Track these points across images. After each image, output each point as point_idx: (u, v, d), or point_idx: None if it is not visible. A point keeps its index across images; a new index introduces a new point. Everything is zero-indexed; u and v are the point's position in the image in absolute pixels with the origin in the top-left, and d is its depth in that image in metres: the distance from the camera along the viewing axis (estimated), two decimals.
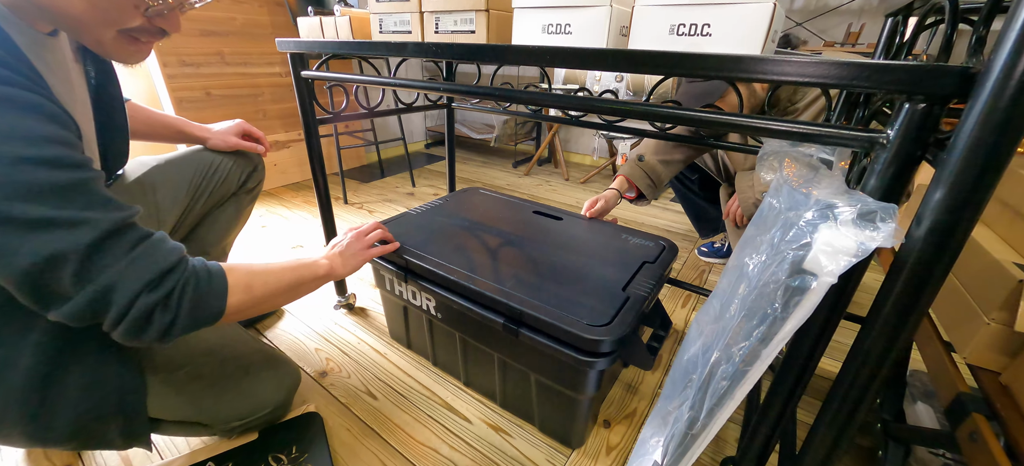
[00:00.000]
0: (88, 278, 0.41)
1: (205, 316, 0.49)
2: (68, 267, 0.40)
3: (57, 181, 0.38)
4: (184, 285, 0.47)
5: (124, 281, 0.42)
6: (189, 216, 0.84)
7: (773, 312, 0.37)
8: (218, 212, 0.89)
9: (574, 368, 0.65)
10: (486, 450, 0.77)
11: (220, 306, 0.50)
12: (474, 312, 0.72)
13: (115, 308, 0.42)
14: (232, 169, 0.87)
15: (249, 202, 0.94)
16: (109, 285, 0.42)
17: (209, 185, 0.85)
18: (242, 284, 0.53)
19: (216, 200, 0.87)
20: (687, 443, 0.44)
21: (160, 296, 0.45)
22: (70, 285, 0.40)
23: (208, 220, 0.88)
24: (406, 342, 1.00)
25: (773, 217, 0.43)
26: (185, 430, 0.69)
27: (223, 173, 0.86)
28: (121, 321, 0.43)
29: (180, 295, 0.47)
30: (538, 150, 2.60)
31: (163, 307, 0.45)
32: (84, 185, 0.41)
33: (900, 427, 0.54)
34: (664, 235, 0.94)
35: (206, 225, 0.88)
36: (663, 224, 1.81)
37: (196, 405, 0.65)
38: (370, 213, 1.82)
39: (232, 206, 0.90)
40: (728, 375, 0.40)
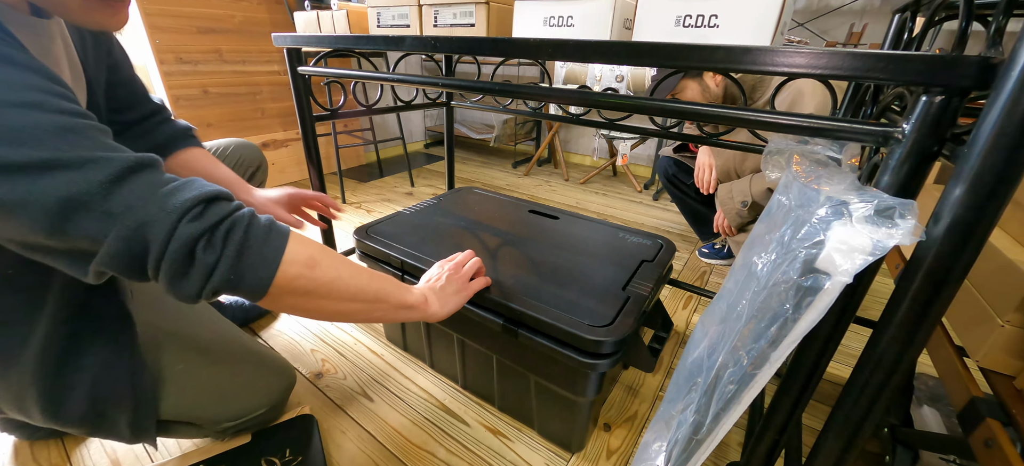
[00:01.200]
0: (114, 219, 0.35)
1: (252, 273, 0.40)
2: (89, 212, 0.34)
3: (53, 123, 0.34)
4: (233, 222, 0.39)
5: (159, 213, 0.36)
6: None
7: (784, 313, 0.35)
8: None
9: (574, 370, 0.64)
10: (484, 454, 0.75)
11: (270, 269, 0.41)
12: (472, 312, 0.71)
13: (154, 245, 0.36)
14: (241, 161, 0.87)
15: None
16: (142, 220, 0.36)
17: None
18: (304, 256, 0.43)
19: None
20: (692, 448, 0.43)
21: (204, 226, 0.38)
22: (98, 232, 0.35)
23: None
24: (403, 344, 0.99)
25: (783, 215, 0.41)
26: (177, 431, 0.68)
27: (232, 162, 0.85)
28: (162, 259, 0.37)
29: (228, 230, 0.39)
30: (538, 150, 2.59)
31: (207, 242, 0.38)
32: (87, 129, 0.36)
33: (909, 432, 0.52)
34: (663, 235, 0.93)
35: None
36: (662, 224, 1.80)
37: (188, 405, 0.63)
38: (368, 212, 1.80)
39: None
40: (735, 378, 0.38)
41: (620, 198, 2.12)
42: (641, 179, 2.39)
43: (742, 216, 1.03)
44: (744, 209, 1.01)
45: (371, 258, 0.86)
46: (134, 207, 0.36)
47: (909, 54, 0.32)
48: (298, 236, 0.45)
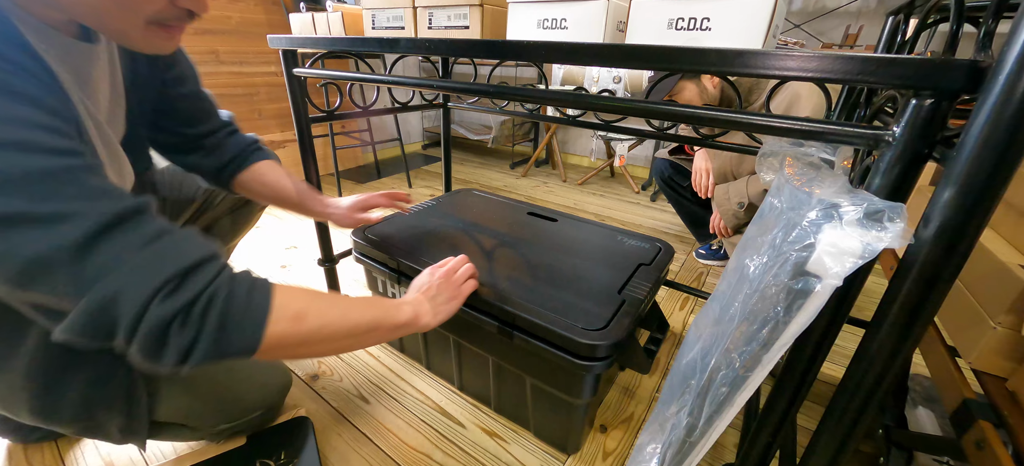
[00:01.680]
0: (83, 285, 0.32)
1: (236, 345, 0.38)
2: (58, 273, 0.32)
3: (34, 166, 0.31)
4: (212, 294, 0.37)
5: (130, 286, 0.33)
6: (208, 211, 0.83)
7: (775, 315, 0.35)
8: (244, 208, 0.89)
9: (570, 372, 0.64)
10: (480, 456, 0.75)
11: (256, 337, 0.39)
12: (468, 314, 0.71)
13: (123, 322, 0.33)
14: None
15: (262, 206, 0.93)
16: (111, 294, 0.33)
17: None
18: (291, 313, 0.41)
19: (237, 200, 0.86)
20: (685, 451, 0.43)
21: (179, 305, 0.35)
22: (66, 296, 0.32)
23: (227, 219, 0.88)
24: (399, 345, 0.98)
25: (774, 217, 0.41)
26: (170, 433, 0.68)
27: None
28: (133, 339, 0.34)
29: (205, 306, 0.36)
30: (536, 151, 2.59)
31: (182, 322, 0.35)
32: (72, 172, 0.33)
33: (903, 433, 0.52)
34: (661, 237, 0.93)
35: (221, 224, 0.88)
36: (660, 226, 1.80)
37: (182, 408, 0.63)
38: None
39: (247, 208, 0.90)
40: (728, 381, 0.38)
41: (618, 199, 2.13)
42: (638, 180, 2.40)
43: (738, 217, 1.03)
44: (741, 210, 1.01)
45: (368, 259, 0.86)
46: (107, 273, 0.33)
47: (898, 58, 0.32)
48: (283, 291, 0.42)
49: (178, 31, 0.41)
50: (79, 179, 0.34)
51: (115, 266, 0.33)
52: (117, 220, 0.34)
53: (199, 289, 0.36)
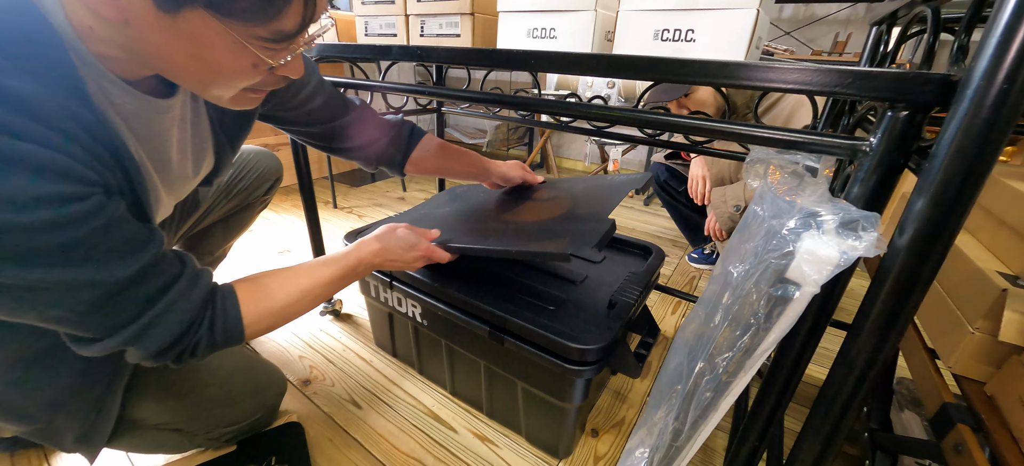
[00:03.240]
0: (102, 333, 0.40)
1: (226, 346, 0.48)
2: (79, 326, 0.39)
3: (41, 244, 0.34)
4: (207, 332, 0.46)
5: (144, 339, 0.41)
6: (215, 211, 0.83)
7: (756, 322, 0.36)
8: (239, 214, 0.89)
9: (560, 377, 0.64)
10: (472, 461, 0.76)
11: (239, 338, 0.48)
12: (459, 319, 0.71)
13: (138, 354, 0.43)
14: (265, 173, 0.88)
15: (261, 208, 0.94)
16: (127, 339, 0.41)
17: (241, 183, 0.85)
18: (257, 313, 0.50)
19: (242, 202, 0.87)
20: (672, 455, 0.43)
21: (183, 347, 0.44)
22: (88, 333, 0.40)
23: (231, 221, 0.88)
24: (392, 350, 0.98)
25: (757, 225, 0.42)
26: (164, 436, 0.67)
27: (258, 173, 0.87)
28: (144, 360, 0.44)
29: (203, 340, 0.46)
30: (530, 155, 2.60)
31: (184, 351, 0.45)
32: (79, 244, 0.36)
33: (887, 437, 0.53)
34: (654, 241, 0.94)
35: (223, 225, 0.88)
36: (653, 230, 1.81)
37: (178, 412, 0.63)
38: (359, 218, 1.80)
39: (248, 212, 0.91)
40: (712, 386, 0.39)
41: None
42: None
43: (734, 220, 1.04)
44: (737, 213, 1.02)
45: None
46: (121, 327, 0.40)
47: (874, 71, 0.33)
48: (247, 295, 0.49)
49: (263, 96, 0.45)
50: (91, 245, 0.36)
51: (127, 322, 0.40)
52: (127, 284, 0.39)
53: (197, 335, 0.45)
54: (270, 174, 0.91)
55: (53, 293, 0.36)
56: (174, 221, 0.76)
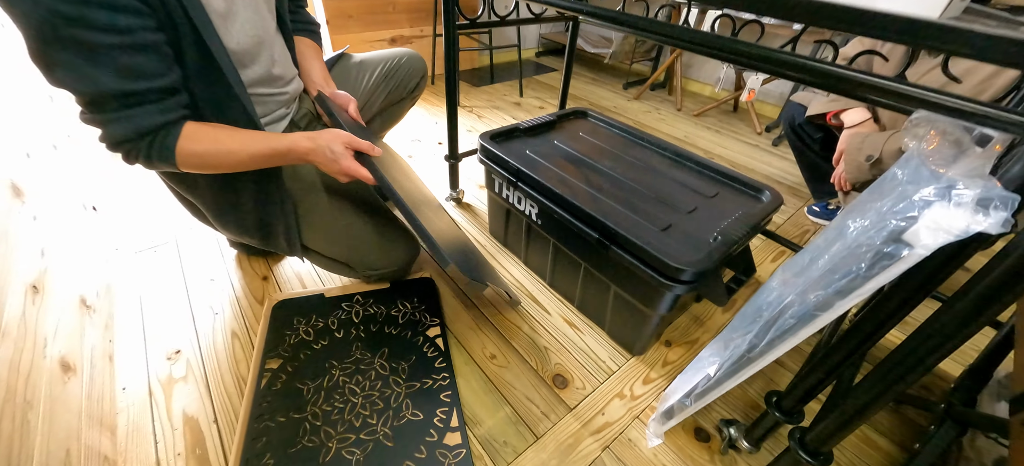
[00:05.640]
0: (95, 116, 0.56)
1: (160, 162, 0.62)
2: (79, 100, 0.55)
3: (82, 39, 0.49)
4: (146, 147, 0.59)
5: (111, 130, 0.57)
6: (375, 103, 1.02)
7: (857, 270, 0.40)
8: (393, 107, 1.08)
9: (653, 287, 0.74)
10: (559, 337, 0.92)
11: (168, 156, 0.61)
12: (572, 224, 0.82)
13: (105, 142, 0.58)
14: (411, 71, 1.04)
15: (411, 103, 1.11)
16: (99, 121, 0.56)
17: (393, 80, 1.02)
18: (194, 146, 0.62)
19: (394, 99, 1.05)
20: (741, 364, 0.52)
21: (129, 148, 0.59)
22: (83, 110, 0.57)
23: (386, 113, 1.07)
24: (503, 240, 1.15)
25: (891, 187, 0.44)
26: (335, 266, 0.93)
27: (404, 73, 1.03)
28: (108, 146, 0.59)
29: (143, 152, 0.60)
30: (654, 73, 2.44)
31: (130, 152, 0.60)
32: (109, 49, 0.51)
33: (962, 410, 0.55)
34: (774, 184, 0.92)
35: (380, 117, 1.08)
36: (775, 174, 1.68)
37: (341, 250, 0.86)
38: (479, 117, 1.94)
39: (399, 106, 1.09)
40: (798, 315, 0.45)
41: (734, 138, 1.98)
42: (764, 119, 2.18)
43: (862, 172, 0.95)
44: (866, 165, 0.93)
45: (490, 161, 0.99)
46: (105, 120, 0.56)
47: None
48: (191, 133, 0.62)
49: None
50: (111, 56, 0.52)
51: (107, 117, 0.56)
52: (111, 94, 0.54)
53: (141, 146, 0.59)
54: (416, 72, 1.06)
55: (72, 73, 0.51)
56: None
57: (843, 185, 1.02)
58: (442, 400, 0.75)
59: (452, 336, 0.90)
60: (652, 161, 1.01)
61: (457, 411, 0.74)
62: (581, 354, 0.88)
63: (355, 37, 2.10)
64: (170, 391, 0.77)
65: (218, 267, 1.03)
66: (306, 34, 0.91)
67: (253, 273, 1.02)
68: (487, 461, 0.70)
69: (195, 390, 0.78)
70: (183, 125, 0.62)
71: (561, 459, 0.71)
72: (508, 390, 0.80)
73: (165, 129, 0.60)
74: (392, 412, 0.73)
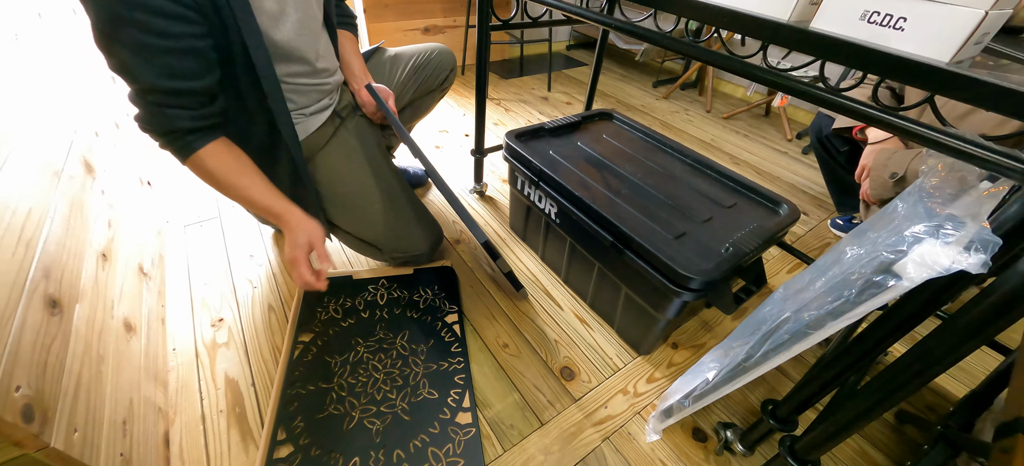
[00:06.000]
0: (138, 102, 0.62)
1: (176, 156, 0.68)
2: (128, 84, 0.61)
3: (137, 40, 0.56)
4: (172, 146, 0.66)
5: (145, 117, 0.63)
6: (406, 95, 1.08)
7: (848, 295, 0.43)
8: (423, 99, 1.13)
9: (662, 292, 0.77)
10: (569, 331, 0.96)
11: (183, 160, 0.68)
12: (589, 226, 0.86)
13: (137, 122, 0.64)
14: (441, 65, 1.09)
15: (441, 95, 1.16)
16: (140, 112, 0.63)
17: (424, 73, 1.08)
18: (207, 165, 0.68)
19: (424, 91, 1.11)
20: (737, 372, 0.55)
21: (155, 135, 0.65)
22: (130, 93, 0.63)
23: (417, 104, 1.13)
24: (522, 235, 1.20)
25: (889, 219, 0.46)
26: (364, 247, 0.99)
27: (434, 66, 1.09)
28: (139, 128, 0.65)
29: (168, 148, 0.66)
30: (685, 73, 2.41)
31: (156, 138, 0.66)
32: (158, 52, 0.58)
33: (954, 431, 0.56)
34: (798, 194, 0.93)
35: (411, 107, 1.13)
36: (801, 183, 1.65)
37: (371, 231, 0.92)
38: (506, 111, 1.97)
39: (430, 97, 1.14)
40: (792, 331, 0.48)
41: (762, 143, 1.95)
42: (796, 126, 2.13)
43: (886, 189, 0.94)
44: (891, 182, 0.92)
45: (514, 159, 1.03)
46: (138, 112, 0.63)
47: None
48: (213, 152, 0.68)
49: None
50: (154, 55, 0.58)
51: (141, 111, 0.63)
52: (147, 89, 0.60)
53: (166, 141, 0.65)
54: (446, 66, 1.11)
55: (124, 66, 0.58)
56: None
57: (869, 200, 1.01)
58: (456, 382, 0.81)
59: (469, 324, 0.95)
60: (673, 167, 1.03)
61: (469, 393, 0.79)
62: (589, 349, 0.93)
63: (390, 26, 2.15)
64: (214, 355, 0.86)
65: (257, 244, 1.12)
66: (345, 27, 0.96)
67: None
68: (494, 441, 0.75)
69: (236, 355, 0.86)
70: (213, 139, 0.68)
71: (563, 445, 0.76)
72: (518, 378, 0.85)
73: (193, 134, 0.66)
74: (410, 389, 0.79)
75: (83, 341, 0.62)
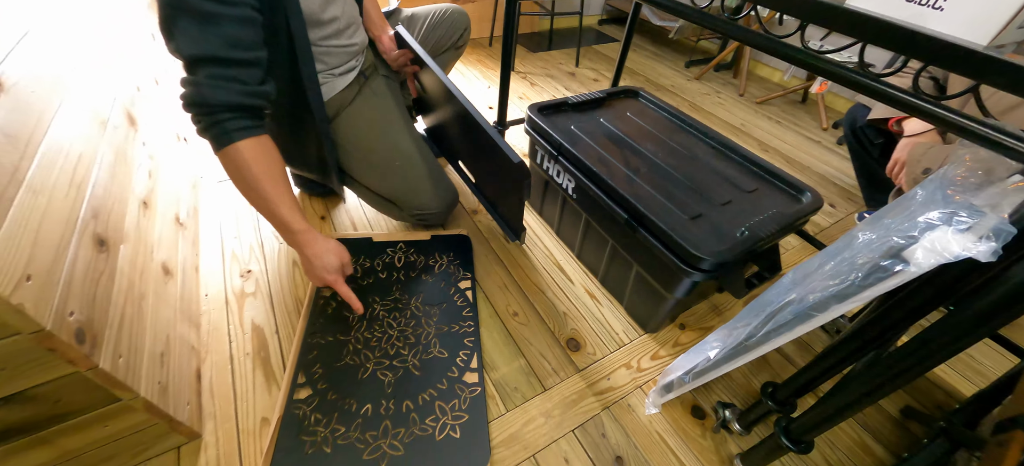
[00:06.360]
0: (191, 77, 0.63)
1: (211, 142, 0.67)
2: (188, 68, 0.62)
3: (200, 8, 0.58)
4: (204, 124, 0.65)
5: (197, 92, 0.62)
6: None
7: (854, 279, 0.43)
8: (438, 58, 1.15)
9: (673, 272, 0.77)
10: (579, 305, 0.98)
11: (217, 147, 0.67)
12: (604, 202, 0.86)
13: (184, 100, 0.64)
14: (455, 23, 1.11)
15: (456, 54, 1.17)
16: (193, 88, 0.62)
17: (438, 32, 1.10)
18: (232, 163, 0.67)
19: (439, 50, 1.13)
20: (738, 350, 0.55)
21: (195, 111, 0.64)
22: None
23: None
24: (539, 209, 1.21)
25: (906, 205, 0.45)
26: (382, 204, 1.01)
27: (447, 26, 1.10)
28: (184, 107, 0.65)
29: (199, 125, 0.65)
30: (721, 53, 2.32)
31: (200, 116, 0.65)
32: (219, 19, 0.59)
33: (955, 426, 0.56)
34: (826, 185, 0.91)
35: None
36: (830, 173, 1.59)
37: (390, 187, 0.95)
38: (531, 85, 1.95)
39: (444, 56, 1.16)
40: (795, 312, 0.48)
41: (794, 131, 1.88)
42: (833, 115, 2.03)
43: (917, 183, 0.91)
44: (924, 178, 0.89)
45: (535, 133, 1.03)
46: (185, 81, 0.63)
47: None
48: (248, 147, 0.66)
49: None
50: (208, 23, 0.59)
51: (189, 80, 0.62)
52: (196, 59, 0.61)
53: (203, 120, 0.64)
54: (461, 23, 1.13)
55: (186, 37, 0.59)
56: None
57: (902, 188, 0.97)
58: (465, 344, 0.85)
59: (481, 291, 0.98)
60: (696, 149, 1.01)
61: (477, 355, 0.83)
62: (597, 323, 0.94)
63: None
64: (242, 303, 0.92)
65: None
66: None
67: (312, 212, 1.15)
68: (498, 401, 0.79)
69: (262, 305, 0.92)
70: (257, 134, 0.68)
71: (564, 410, 0.78)
72: (525, 345, 0.88)
73: (239, 118, 0.66)
74: (421, 347, 0.83)
75: (127, 279, 0.67)
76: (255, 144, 0.68)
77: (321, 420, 0.72)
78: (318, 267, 0.77)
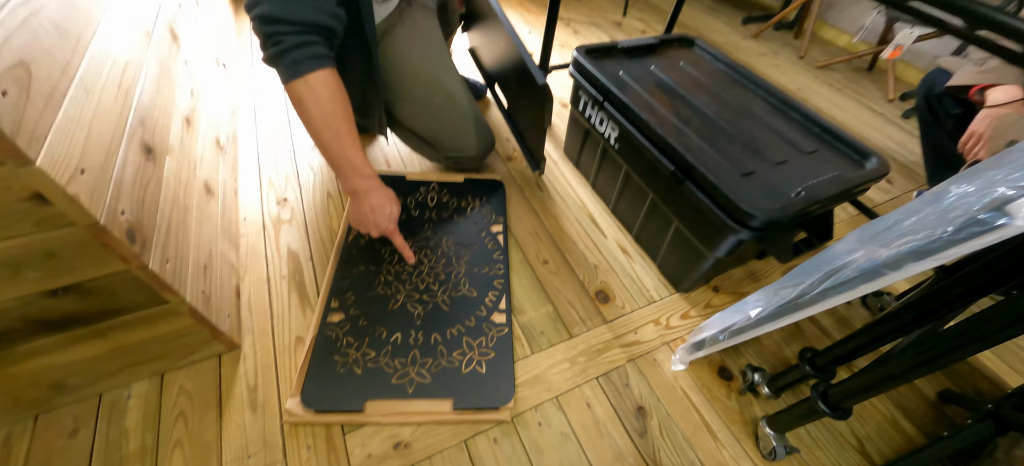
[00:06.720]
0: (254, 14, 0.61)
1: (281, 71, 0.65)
2: None
3: None
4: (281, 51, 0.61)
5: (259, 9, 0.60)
6: None
7: (942, 233, 0.38)
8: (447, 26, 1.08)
9: (718, 228, 0.73)
10: (610, 259, 0.95)
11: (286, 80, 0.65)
12: (650, 152, 0.82)
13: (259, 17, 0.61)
14: None
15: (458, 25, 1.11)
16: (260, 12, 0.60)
17: None
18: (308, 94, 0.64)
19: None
20: (787, 308, 0.52)
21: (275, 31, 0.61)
22: None
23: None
24: (576, 160, 1.16)
25: (1016, 156, 0.39)
26: (419, 144, 1.00)
27: None
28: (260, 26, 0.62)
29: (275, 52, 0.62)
30: (783, 10, 2.12)
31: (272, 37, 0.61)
32: None
33: (1007, 409, 0.52)
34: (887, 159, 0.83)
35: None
36: (892, 148, 1.47)
37: (429, 127, 0.94)
38: (574, 33, 1.85)
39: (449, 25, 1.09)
40: (861, 269, 0.44)
41: (857, 100, 1.73)
42: (902, 86, 1.85)
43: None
44: None
45: (581, 76, 0.98)
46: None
47: None
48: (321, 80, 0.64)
49: None
50: None
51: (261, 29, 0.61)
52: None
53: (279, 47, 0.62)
54: None
55: None
56: None
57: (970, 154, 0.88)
58: (495, 286, 0.84)
59: (512, 237, 0.97)
60: (753, 105, 0.94)
61: (506, 297, 0.82)
62: (627, 279, 0.92)
63: None
64: (279, 229, 0.94)
65: None
66: None
67: None
68: (524, 343, 0.79)
69: (297, 232, 0.93)
70: (328, 65, 0.66)
71: (589, 358, 0.78)
72: (553, 292, 0.87)
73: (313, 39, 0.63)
74: (451, 285, 0.83)
75: (172, 190, 0.69)
76: (330, 77, 0.66)
77: (352, 343, 0.73)
78: (381, 216, 0.78)
